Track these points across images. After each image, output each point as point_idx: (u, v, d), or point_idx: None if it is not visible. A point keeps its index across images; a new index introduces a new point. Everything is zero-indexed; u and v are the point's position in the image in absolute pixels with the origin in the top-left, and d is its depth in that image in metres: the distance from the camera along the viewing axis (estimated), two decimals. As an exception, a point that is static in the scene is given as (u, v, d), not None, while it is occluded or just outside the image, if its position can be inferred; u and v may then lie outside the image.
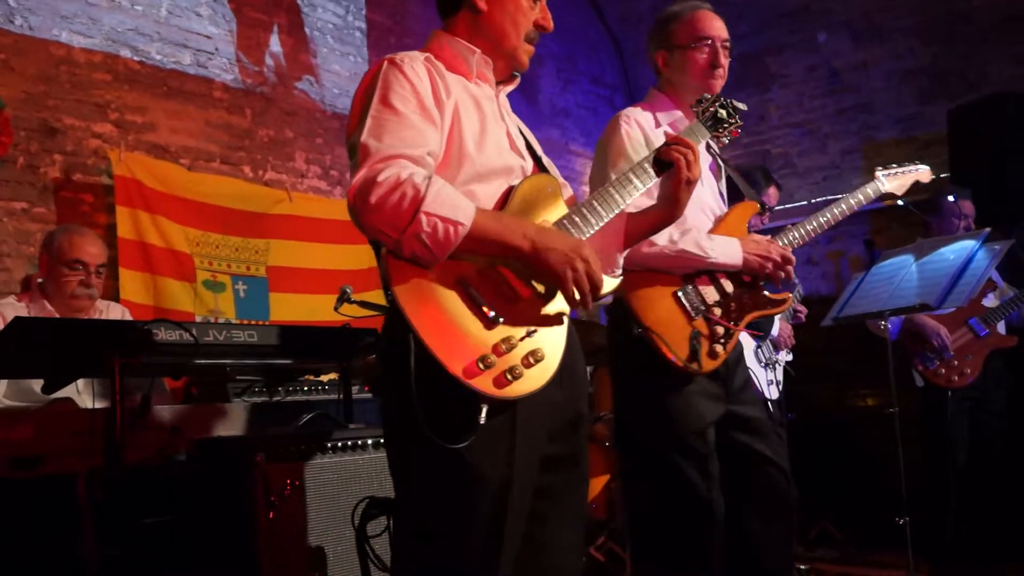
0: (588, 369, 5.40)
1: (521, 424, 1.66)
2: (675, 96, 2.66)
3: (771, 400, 4.16)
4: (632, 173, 1.89)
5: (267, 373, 3.18)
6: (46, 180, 4.20)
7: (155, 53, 4.65)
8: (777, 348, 4.36)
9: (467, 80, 1.87)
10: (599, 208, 1.83)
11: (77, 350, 2.45)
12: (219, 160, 4.87)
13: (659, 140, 2.55)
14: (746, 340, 4.25)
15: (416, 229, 1.55)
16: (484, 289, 1.65)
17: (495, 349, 1.60)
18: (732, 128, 2.17)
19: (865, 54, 6.32)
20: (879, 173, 3.01)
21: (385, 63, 1.76)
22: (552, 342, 1.69)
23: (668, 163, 1.92)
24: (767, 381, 4.12)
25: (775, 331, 4.26)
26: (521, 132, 1.97)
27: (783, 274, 2.54)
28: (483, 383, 1.57)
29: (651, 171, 1.92)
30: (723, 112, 2.15)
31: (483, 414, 1.58)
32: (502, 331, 1.63)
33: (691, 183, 1.93)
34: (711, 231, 2.57)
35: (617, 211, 1.85)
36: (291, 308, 4.86)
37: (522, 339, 1.64)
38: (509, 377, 1.59)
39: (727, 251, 2.50)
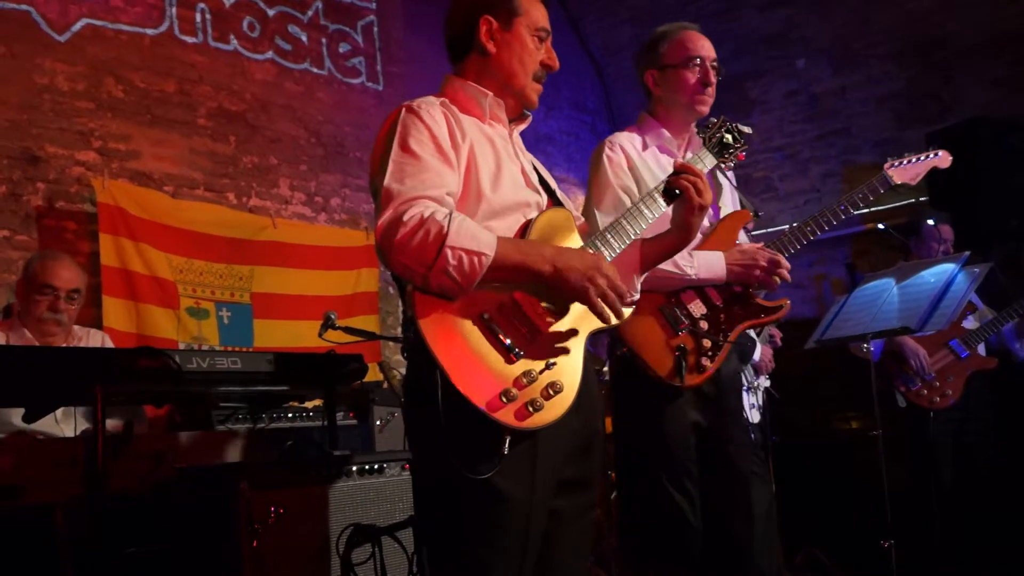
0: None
1: (541, 449, 1.74)
2: (665, 116, 2.67)
3: (753, 424, 4.17)
4: (643, 204, 1.99)
5: (251, 400, 3.16)
6: (28, 208, 4.19)
7: (139, 81, 4.66)
8: (758, 372, 4.37)
9: (481, 122, 1.96)
10: (612, 240, 1.94)
11: (58, 378, 2.43)
12: (203, 187, 4.87)
13: (646, 161, 2.61)
14: (758, 352, 4.24)
15: (443, 264, 1.63)
16: (504, 323, 1.73)
17: (516, 383, 1.69)
18: (738, 152, 2.23)
19: (843, 79, 6.40)
20: (887, 166, 2.76)
21: (403, 110, 1.85)
22: (570, 373, 1.77)
23: (678, 192, 2.00)
24: (749, 405, 4.12)
25: (757, 355, 4.26)
26: (536, 169, 2.05)
27: (777, 279, 2.51)
28: (506, 416, 1.66)
29: (661, 201, 2.01)
30: (729, 137, 2.23)
31: (506, 445, 1.67)
32: (522, 365, 1.72)
33: (703, 210, 2.02)
34: (700, 245, 2.55)
35: (629, 242, 1.96)
36: (275, 334, 4.85)
37: (541, 372, 1.72)
38: (530, 409, 1.68)
39: (709, 265, 2.50)
